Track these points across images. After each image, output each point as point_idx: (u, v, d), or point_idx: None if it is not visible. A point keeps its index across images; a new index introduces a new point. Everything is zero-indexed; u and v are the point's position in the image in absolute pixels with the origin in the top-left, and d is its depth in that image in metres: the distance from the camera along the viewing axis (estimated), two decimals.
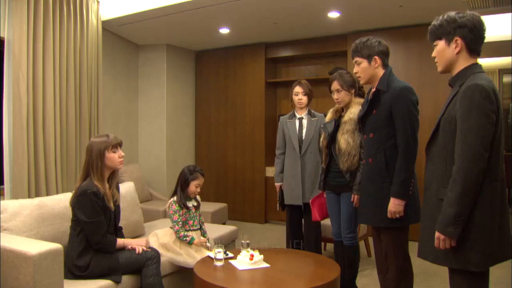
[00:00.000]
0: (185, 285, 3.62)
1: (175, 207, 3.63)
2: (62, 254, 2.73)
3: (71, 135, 4.80)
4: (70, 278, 2.96)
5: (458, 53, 2.20)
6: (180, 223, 3.59)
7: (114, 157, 3.14)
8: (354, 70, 3.08)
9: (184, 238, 3.55)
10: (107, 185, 3.17)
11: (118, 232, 3.37)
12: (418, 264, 3.03)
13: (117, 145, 3.17)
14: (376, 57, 2.98)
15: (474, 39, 2.18)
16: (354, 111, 3.55)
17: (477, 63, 2.22)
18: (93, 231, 3.01)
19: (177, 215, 3.60)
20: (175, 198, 3.68)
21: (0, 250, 2.71)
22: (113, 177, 3.27)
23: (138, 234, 4.09)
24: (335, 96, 3.67)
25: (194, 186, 3.68)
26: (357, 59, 3.03)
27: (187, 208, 3.67)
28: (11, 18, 4.26)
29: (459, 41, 2.19)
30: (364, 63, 3.00)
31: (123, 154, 3.21)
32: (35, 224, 3.16)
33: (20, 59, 4.23)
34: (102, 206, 3.06)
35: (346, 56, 6.23)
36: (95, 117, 5.28)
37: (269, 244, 4.13)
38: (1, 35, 4.30)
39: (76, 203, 3.04)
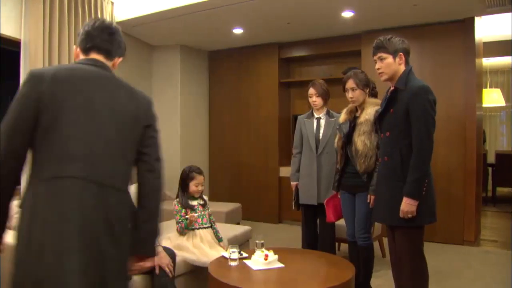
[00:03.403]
0: (199, 285, 3.62)
1: (177, 207, 3.71)
2: None
3: None
4: None
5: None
6: (183, 223, 3.62)
7: None
8: (377, 66, 3.02)
9: (186, 228, 3.60)
10: None
11: None
12: (433, 265, 3.00)
13: None
14: (401, 53, 2.95)
15: None
16: (370, 112, 3.54)
17: None
18: None
19: (178, 215, 3.67)
20: (177, 199, 3.77)
21: None
22: None
23: None
24: (349, 94, 3.65)
25: (194, 186, 3.75)
26: (382, 54, 2.97)
27: (191, 207, 3.71)
28: (27, 20, 4.31)
29: None
30: (389, 58, 2.96)
31: None
32: None
33: (36, 60, 4.28)
34: None
35: (360, 56, 6.20)
36: None
37: (283, 244, 4.13)
38: (18, 37, 4.35)
39: None
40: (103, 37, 2.00)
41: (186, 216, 3.62)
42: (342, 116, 3.81)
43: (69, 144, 1.76)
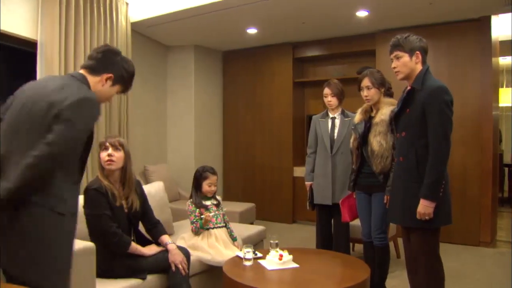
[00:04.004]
0: (214, 284, 3.63)
1: (191, 207, 3.73)
2: (94, 253, 2.76)
3: (101, 135, 4.87)
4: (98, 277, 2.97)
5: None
6: (198, 223, 3.64)
7: (101, 155, 3.09)
8: (393, 65, 2.99)
9: (201, 227, 3.62)
10: (116, 184, 3.14)
11: (153, 230, 3.36)
12: (449, 266, 2.98)
13: (103, 144, 3.11)
14: (418, 52, 2.92)
15: None
16: (385, 112, 3.52)
17: None
18: (104, 223, 2.94)
19: (193, 215, 3.69)
20: (191, 199, 3.80)
21: None
22: (124, 178, 3.18)
23: (168, 233, 4.12)
24: (364, 93, 3.63)
25: (207, 186, 3.79)
26: (398, 53, 2.95)
27: (205, 207, 3.72)
28: (43, 21, 4.36)
29: None
30: (406, 57, 2.93)
31: (108, 153, 3.07)
32: None
33: (52, 61, 4.33)
34: (107, 203, 3.00)
35: (375, 55, 6.17)
36: (125, 117, 5.35)
37: (297, 244, 4.11)
38: (34, 38, 4.40)
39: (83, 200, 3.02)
40: (91, 55, 2.28)
41: (202, 216, 3.63)
42: (357, 116, 3.79)
43: None
